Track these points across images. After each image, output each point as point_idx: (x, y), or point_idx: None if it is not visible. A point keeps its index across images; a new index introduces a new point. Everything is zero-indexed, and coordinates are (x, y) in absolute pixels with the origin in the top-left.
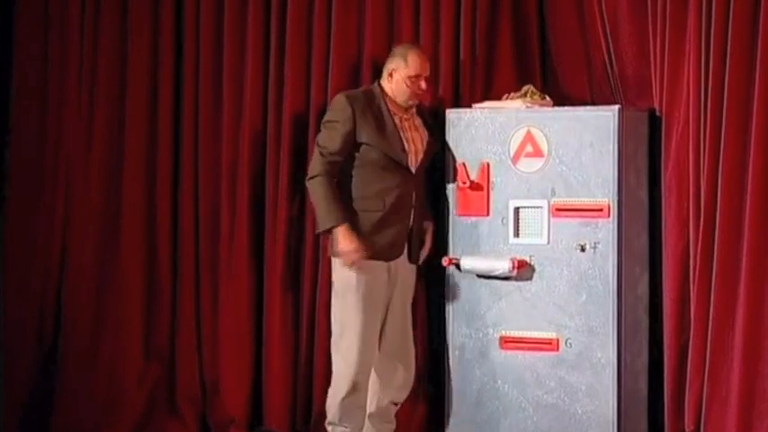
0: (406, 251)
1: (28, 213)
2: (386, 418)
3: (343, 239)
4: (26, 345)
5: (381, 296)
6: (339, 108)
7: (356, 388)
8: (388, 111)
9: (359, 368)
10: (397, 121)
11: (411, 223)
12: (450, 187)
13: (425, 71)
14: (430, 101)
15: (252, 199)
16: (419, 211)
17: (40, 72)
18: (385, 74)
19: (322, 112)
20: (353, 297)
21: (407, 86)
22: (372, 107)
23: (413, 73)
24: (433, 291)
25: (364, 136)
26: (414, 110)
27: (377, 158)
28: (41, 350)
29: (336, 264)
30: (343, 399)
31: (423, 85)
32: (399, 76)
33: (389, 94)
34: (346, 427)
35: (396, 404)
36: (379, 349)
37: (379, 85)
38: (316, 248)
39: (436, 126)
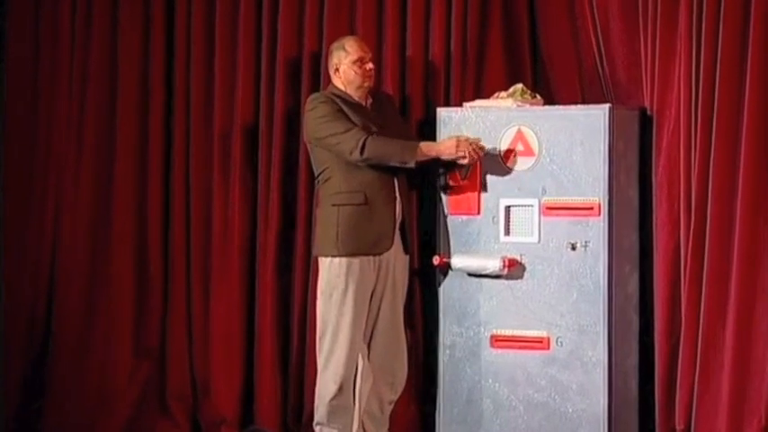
0: (400, 243)
1: (18, 213)
2: (381, 417)
3: (438, 146)
4: (17, 344)
5: (368, 295)
6: (322, 101)
7: (343, 388)
8: (359, 104)
9: (345, 369)
10: (370, 112)
11: (399, 214)
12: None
13: (367, 51)
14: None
15: (243, 198)
16: (405, 199)
17: (31, 72)
18: (332, 73)
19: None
20: (339, 297)
21: (356, 72)
22: (347, 103)
23: (356, 57)
24: (424, 290)
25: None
26: (371, 99)
27: None
28: (32, 349)
29: (323, 262)
30: (331, 400)
31: (370, 65)
32: (345, 66)
33: (343, 89)
34: (334, 428)
35: (390, 403)
36: (372, 347)
37: (334, 87)
38: (307, 247)
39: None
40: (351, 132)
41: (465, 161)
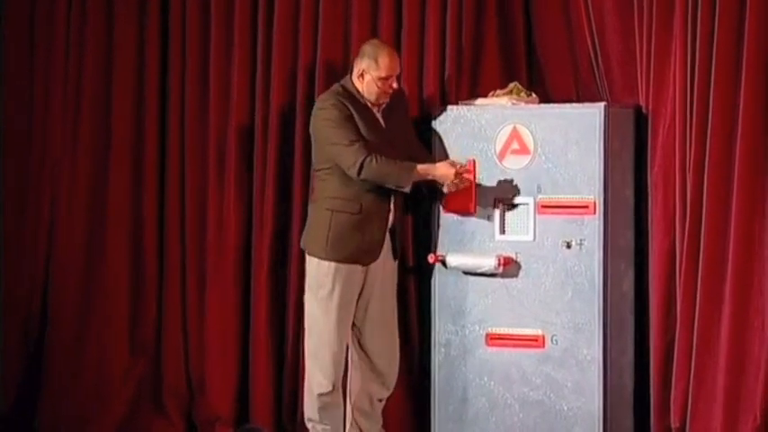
0: (390, 247)
1: (14, 212)
2: (372, 415)
3: (434, 170)
4: (13, 342)
5: (355, 296)
6: (333, 103)
7: (333, 384)
8: (368, 108)
9: (333, 365)
10: (379, 117)
11: (391, 223)
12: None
13: (396, 70)
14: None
15: (238, 197)
16: (399, 210)
17: (27, 72)
18: (356, 72)
19: (309, 106)
20: (326, 296)
21: (379, 87)
22: (357, 106)
23: (384, 75)
24: (419, 288)
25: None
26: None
27: None
28: (28, 347)
29: (310, 260)
30: (321, 395)
31: (394, 85)
32: (370, 77)
33: (359, 90)
34: (327, 425)
35: (381, 401)
36: (364, 347)
37: (351, 82)
38: None
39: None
40: (353, 148)
41: (453, 189)
